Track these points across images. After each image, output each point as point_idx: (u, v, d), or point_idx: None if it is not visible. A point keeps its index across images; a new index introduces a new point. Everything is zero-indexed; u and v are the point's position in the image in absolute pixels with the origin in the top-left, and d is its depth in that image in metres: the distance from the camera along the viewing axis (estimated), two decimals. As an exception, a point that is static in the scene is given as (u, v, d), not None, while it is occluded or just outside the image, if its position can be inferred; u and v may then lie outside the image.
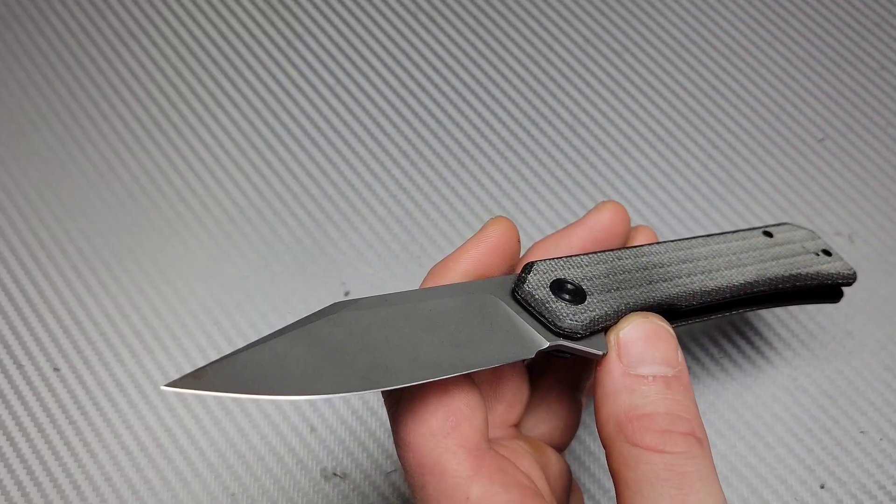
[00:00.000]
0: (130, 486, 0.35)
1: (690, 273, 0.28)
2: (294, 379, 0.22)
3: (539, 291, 0.25)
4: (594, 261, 0.27)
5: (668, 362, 0.24)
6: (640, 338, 0.24)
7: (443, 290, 0.25)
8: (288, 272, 0.39)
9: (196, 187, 0.41)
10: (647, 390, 0.23)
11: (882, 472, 0.34)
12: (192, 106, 0.44)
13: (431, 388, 0.23)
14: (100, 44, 0.46)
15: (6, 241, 0.40)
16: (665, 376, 0.24)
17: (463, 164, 0.42)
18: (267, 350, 0.22)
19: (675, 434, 0.23)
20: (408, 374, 0.23)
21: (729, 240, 0.31)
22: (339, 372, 0.22)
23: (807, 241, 0.32)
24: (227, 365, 0.22)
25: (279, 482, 0.35)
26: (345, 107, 0.44)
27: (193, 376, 0.21)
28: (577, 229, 0.29)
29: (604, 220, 0.29)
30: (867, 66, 0.44)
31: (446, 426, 0.23)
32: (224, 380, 0.22)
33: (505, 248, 0.28)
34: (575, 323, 0.25)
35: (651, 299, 0.27)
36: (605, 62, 0.45)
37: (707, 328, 0.38)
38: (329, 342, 0.23)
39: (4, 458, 0.35)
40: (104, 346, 0.38)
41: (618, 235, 0.29)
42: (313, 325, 0.23)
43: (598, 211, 0.29)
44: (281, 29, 0.46)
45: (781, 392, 0.36)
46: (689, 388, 0.24)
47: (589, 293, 0.26)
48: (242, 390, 0.22)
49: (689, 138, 0.43)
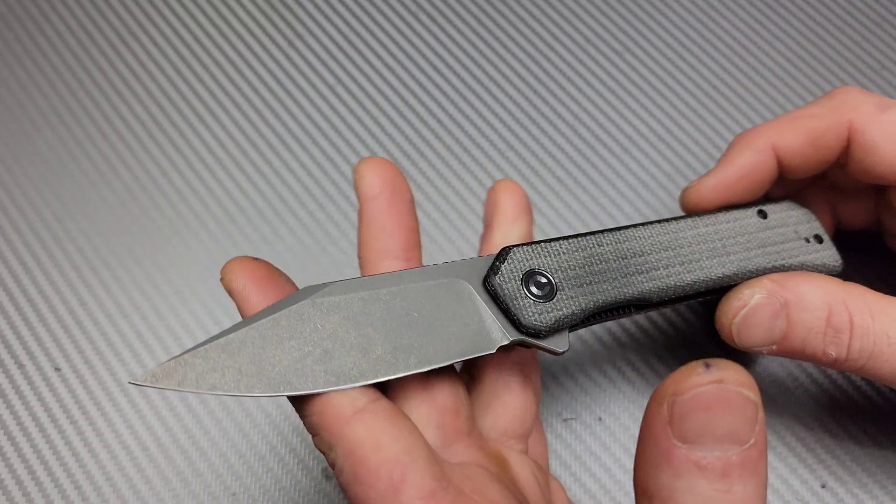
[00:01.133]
0: (132, 485, 0.35)
1: (669, 264, 0.28)
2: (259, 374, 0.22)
3: (509, 284, 0.25)
4: (573, 247, 0.27)
5: (735, 439, 0.19)
6: (703, 409, 0.19)
7: (418, 273, 0.25)
8: (289, 271, 0.39)
9: (197, 187, 0.42)
10: (696, 482, 0.18)
11: (883, 472, 0.34)
12: (193, 105, 0.44)
13: (363, 445, 0.22)
14: (100, 43, 0.46)
15: (7, 240, 0.40)
16: (726, 460, 0.19)
17: (463, 164, 0.42)
18: (234, 341, 0.22)
19: None
20: (367, 371, 0.23)
21: (720, 221, 0.30)
22: (303, 367, 0.22)
23: (801, 225, 0.32)
24: (192, 359, 0.22)
25: (280, 482, 0.35)
26: (345, 106, 0.44)
27: (161, 370, 0.21)
28: (367, 207, 0.28)
29: (376, 181, 0.28)
30: (868, 67, 0.44)
31: (392, 484, 0.21)
32: (190, 375, 0.21)
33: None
34: (539, 323, 0.25)
35: (622, 295, 0.27)
36: (605, 62, 0.45)
37: (705, 325, 0.38)
38: (294, 334, 0.22)
39: (6, 457, 0.35)
40: (105, 345, 0.38)
41: (395, 180, 0.28)
42: (280, 315, 0.23)
43: (363, 178, 0.28)
44: (282, 29, 0.46)
45: (782, 391, 0.36)
46: (759, 473, 0.19)
47: (559, 288, 0.25)
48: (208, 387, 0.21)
49: (689, 138, 0.43)
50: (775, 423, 0.36)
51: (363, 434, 0.22)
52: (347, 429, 0.22)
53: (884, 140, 0.30)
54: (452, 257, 0.40)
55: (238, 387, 0.22)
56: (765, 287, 0.28)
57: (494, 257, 0.26)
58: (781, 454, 0.35)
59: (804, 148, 0.31)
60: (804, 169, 0.32)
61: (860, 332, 0.28)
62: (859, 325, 0.28)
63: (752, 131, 0.32)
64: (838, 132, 0.31)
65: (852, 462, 0.35)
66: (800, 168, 0.32)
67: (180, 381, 0.21)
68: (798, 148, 0.31)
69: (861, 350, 0.28)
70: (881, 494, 0.34)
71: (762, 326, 0.28)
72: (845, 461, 0.35)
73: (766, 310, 0.28)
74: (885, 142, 0.30)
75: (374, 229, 0.27)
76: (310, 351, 0.22)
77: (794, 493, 0.34)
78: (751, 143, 0.32)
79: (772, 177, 0.32)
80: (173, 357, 0.22)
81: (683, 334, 0.38)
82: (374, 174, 0.27)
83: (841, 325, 0.28)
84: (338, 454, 0.22)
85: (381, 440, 0.22)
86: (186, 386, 0.21)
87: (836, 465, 0.35)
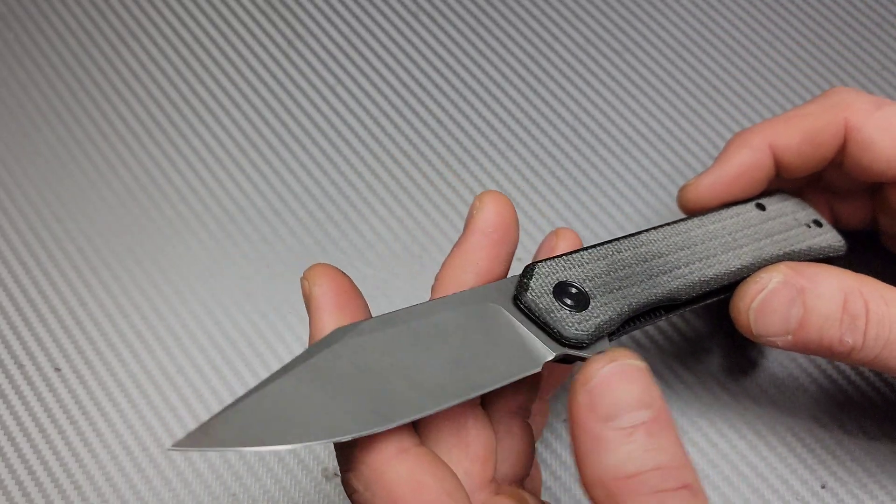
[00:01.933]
0: (131, 485, 0.35)
1: (688, 262, 0.28)
2: (305, 423, 0.21)
3: (542, 299, 0.25)
4: (594, 256, 0.27)
5: (644, 404, 0.22)
6: (611, 385, 0.22)
7: (444, 303, 0.24)
8: (289, 272, 0.39)
9: (197, 187, 0.41)
10: (629, 447, 0.21)
11: (883, 472, 0.34)
12: (193, 105, 0.44)
13: (404, 487, 0.21)
14: (100, 43, 0.46)
15: (7, 241, 0.40)
16: (644, 422, 0.22)
17: (464, 164, 0.42)
18: (273, 393, 0.21)
19: (670, 493, 0.21)
20: (415, 405, 0.22)
21: (724, 218, 0.31)
22: (349, 409, 0.21)
23: (798, 213, 0.32)
24: (234, 415, 0.21)
25: (280, 482, 0.35)
26: (345, 106, 0.44)
27: (202, 431, 0.20)
28: (471, 239, 0.27)
29: (490, 219, 0.27)
30: (868, 67, 0.44)
31: None
32: (233, 432, 0.20)
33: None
34: (581, 332, 0.24)
35: (653, 296, 0.27)
36: (605, 62, 0.45)
37: (708, 328, 0.38)
38: (334, 376, 0.22)
39: (6, 457, 0.35)
40: (105, 345, 0.38)
41: (511, 225, 0.27)
42: (317, 359, 0.22)
43: (480, 210, 0.27)
44: (282, 29, 0.46)
45: (782, 392, 0.36)
46: (671, 425, 0.22)
47: (592, 296, 0.25)
48: (254, 442, 0.20)
49: (689, 138, 0.43)
50: (775, 424, 0.36)
51: (405, 475, 0.22)
52: (389, 467, 0.22)
53: (880, 137, 0.30)
54: (452, 257, 0.40)
55: (284, 438, 0.21)
56: (782, 272, 0.28)
57: (520, 276, 0.25)
58: (781, 454, 0.35)
59: (801, 146, 0.31)
60: (801, 167, 0.32)
61: (876, 318, 0.28)
62: (875, 312, 0.28)
63: (749, 130, 0.32)
64: (835, 130, 0.31)
65: (852, 462, 0.35)
66: (797, 166, 0.32)
67: (222, 440, 0.20)
68: (795, 146, 0.31)
69: (877, 337, 0.28)
70: (881, 494, 0.34)
71: (779, 313, 0.28)
72: (845, 461, 0.35)
73: (783, 295, 0.28)
74: (881, 139, 0.30)
75: (466, 262, 0.26)
76: (353, 391, 0.22)
77: (794, 493, 0.34)
78: (748, 142, 0.32)
79: (769, 175, 0.32)
80: (213, 416, 0.21)
81: (681, 331, 0.38)
82: (493, 211, 0.27)
83: (857, 311, 0.28)
84: (375, 493, 0.22)
85: (424, 481, 0.22)
86: (230, 444, 0.20)
87: (836, 465, 0.35)
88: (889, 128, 0.30)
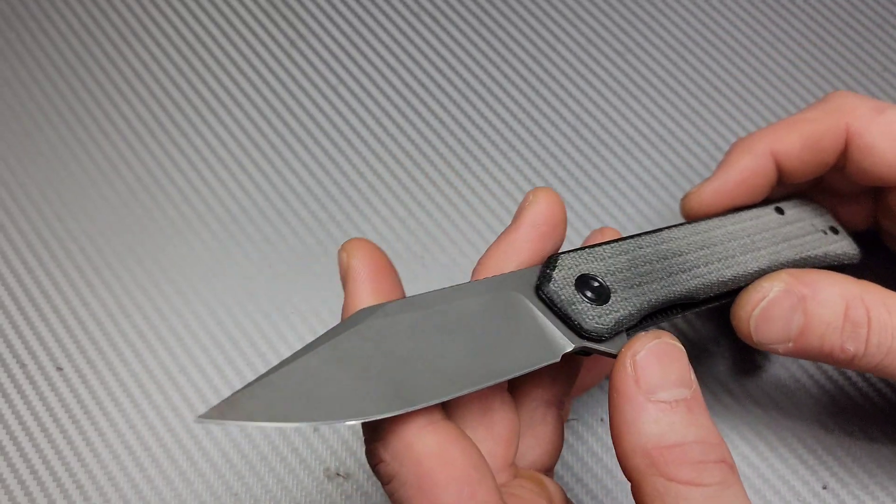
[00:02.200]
0: (133, 485, 0.35)
1: (708, 261, 0.28)
2: (329, 401, 0.21)
3: (564, 290, 0.25)
4: (616, 251, 0.27)
5: (685, 383, 0.23)
6: (656, 361, 0.23)
7: (468, 288, 0.25)
8: (291, 272, 0.39)
9: (199, 187, 0.41)
10: (672, 419, 0.22)
11: (885, 473, 0.35)
12: (195, 105, 0.44)
13: (433, 459, 0.22)
14: (102, 43, 0.46)
15: (9, 240, 0.40)
16: (686, 399, 0.23)
17: (465, 164, 0.42)
18: (297, 370, 0.21)
19: (710, 464, 0.22)
20: (437, 389, 0.22)
21: (743, 219, 0.31)
22: (372, 390, 0.21)
23: (815, 218, 0.33)
24: (259, 390, 0.21)
25: (282, 482, 0.35)
26: (347, 106, 0.44)
27: (227, 405, 0.20)
28: (521, 230, 0.27)
29: (542, 213, 0.27)
30: (870, 69, 0.44)
31: (462, 499, 0.21)
32: (258, 407, 0.21)
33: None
34: (601, 326, 0.25)
35: (672, 294, 0.27)
36: (607, 63, 0.45)
37: (711, 332, 0.38)
38: (358, 356, 0.22)
39: (7, 457, 0.35)
40: (107, 345, 0.38)
41: (560, 223, 0.28)
42: (340, 339, 0.22)
43: (533, 205, 0.27)
44: (283, 28, 0.46)
45: (784, 394, 0.36)
46: (706, 409, 0.23)
47: (613, 290, 0.26)
48: (277, 418, 0.20)
49: (691, 139, 0.43)
50: (777, 426, 0.36)
51: (434, 447, 0.22)
52: (418, 439, 0.22)
53: (882, 141, 0.30)
54: (455, 257, 0.40)
55: (311, 415, 0.21)
56: (783, 280, 0.28)
57: (543, 266, 0.26)
58: (783, 455, 0.35)
59: (802, 151, 0.31)
60: (803, 172, 0.32)
61: (878, 326, 0.28)
62: (877, 320, 0.28)
63: (751, 137, 0.32)
64: (836, 135, 0.31)
65: (854, 463, 0.35)
66: (798, 171, 0.32)
67: (249, 413, 0.20)
68: (796, 151, 0.31)
69: (879, 345, 0.28)
70: (882, 495, 0.34)
71: (780, 320, 0.28)
72: (847, 462, 0.35)
73: (784, 303, 0.28)
74: (883, 143, 0.30)
75: (511, 251, 0.27)
76: (376, 373, 0.22)
77: (795, 494, 0.34)
78: (749, 148, 0.32)
79: (771, 181, 0.32)
80: (238, 390, 0.21)
81: (684, 334, 0.38)
82: (545, 206, 0.27)
83: (858, 319, 0.28)
84: (403, 463, 0.22)
85: (453, 455, 0.22)
86: (257, 418, 0.20)
87: (837, 466, 0.35)
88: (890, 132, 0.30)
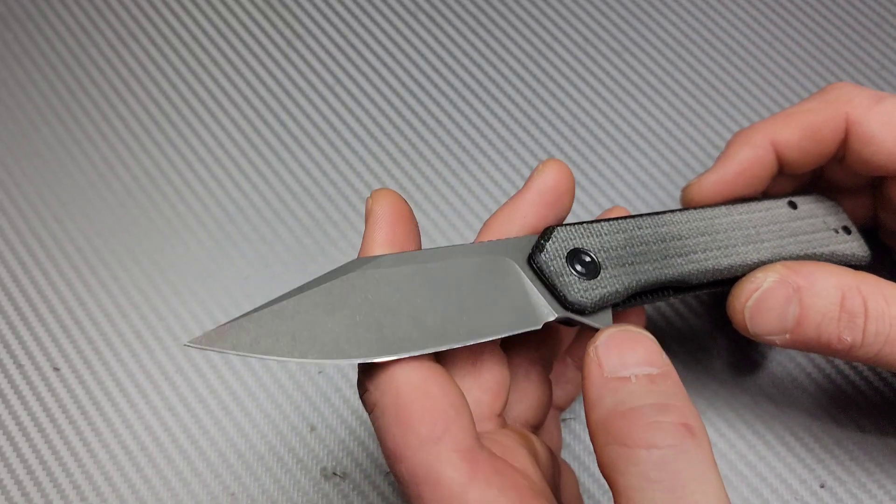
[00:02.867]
0: (130, 485, 0.35)
1: (707, 248, 0.29)
2: (313, 341, 0.22)
3: (555, 262, 0.25)
4: (613, 229, 0.27)
5: (651, 363, 0.23)
6: (617, 345, 0.23)
7: (463, 250, 0.25)
8: (288, 272, 0.39)
9: (196, 187, 0.42)
10: (631, 388, 0.22)
11: (882, 471, 0.34)
12: (192, 105, 0.44)
13: (412, 392, 0.23)
14: (100, 43, 0.46)
15: (6, 241, 0.40)
16: (650, 374, 0.23)
17: (463, 164, 0.42)
18: (287, 309, 0.22)
19: (664, 424, 0.21)
20: (418, 341, 0.23)
21: (753, 210, 0.31)
22: (355, 336, 0.22)
23: (829, 216, 0.33)
24: (248, 323, 0.22)
25: (279, 482, 0.35)
26: (344, 106, 0.44)
27: (217, 333, 0.22)
28: (527, 195, 0.28)
29: (549, 182, 0.28)
30: (867, 67, 0.44)
31: (435, 432, 0.22)
32: (245, 339, 0.22)
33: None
34: (585, 300, 0.25)
35: (664, 276, 0.27)
36: (604, 62, 0.45)
37: (707, 328, 0.38)
38: (347, 303, 0.23)
39: (4, 457, 0.35)
40: (104, 345, 0.38)
41: (565, 193, 0.28)
42: (332, 284, 0.23)
43: (541, 173, 0.28)
44: (281, 29, 0.46)
45: (780, 391, 0.36)
46: (679, 384, 0.23)
47: (603, 267, 0.26)
48: (263, 351, 0.22)
49: (689, 138, 0.43)
50: (774, 423, 0.36)
51: (416, 381, 0.23)
52: (401, 373, 0.23)
53: (881, 130, 0.30)
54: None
55: (291, 352, 0.22)
56: (777, 271, 0.28)
57: (538, 236, 0.26)
58: (780, 454, 0.35)
59: (802, 142, 0.31)
60: (803, 163, 0.32)
61: (875, 315, 0.28)
62: (874, 309, 0.28)
63: (751, 128, 0.32)
64: (835, 125, 0.31)
65: (851, 462, 0.35)
66: (798, 162, 0.32)
67: (234, 344, 0.22)
68: (796, 142, 0.32)
69: (877, 334, 0.28)
70: (880, 494, 0.34)
71: (775, 311, 0.28)
72: (844, 461, 0.35)
73: (779, 293, 0.28)
74: (882, 132, 0.30)
75: (516, 215, 0.28)
76: (361, 320, 0.23)
77: (792, 492, 0.34)
78: (749, 140, 0.32)
79: (771, 172, 0.32)
80: (228, 321, 0.22)
81: (680, 331, 0.38)
82: (553, 175, 0.28)
83: (855, 309, 0.28)
84: (384, 392, 0.23)
85: (432, 390, 0.23)
86: (241, 349, 0.22)
87: (834, 464, 0.35)
88: (890, 122, 0.30)
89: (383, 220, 0.25)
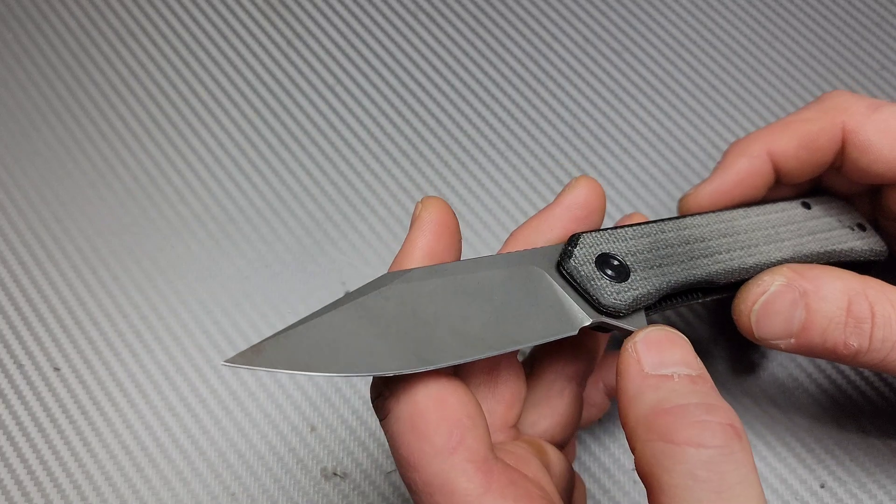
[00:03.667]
0: (131, 485, 0.35)
1: (730, 248, 0.29)
2: (350, 356, 0.22)
3: (584, 267, 0.26)
4: (638, 233, 0.27)
5: (689, 364, 0.23)
6: (656, 343, 0.24)
7: (491, 261, 0.25)
8: (288, 272, 0.39)
9: (196, 187, 0.42)
10: (674, 385, 0.22)
11: (882, 472, 0.34)
12: (192, 105, 0.44)
13: (428, 401, 0.23)
14: (100, 43, 0.46)
15: (6, 241, 0.40)
16: (689, 375, 0.23)
17: (463, 164, 0.42)
18: (323, 324, 0.23)
19: (714, 424, 0.21)
20: (454, 351, 0.23)
21: (768, 211, 0.31)
22: (393, 349, 0.23)
23: (843, 215, 0.33)
24: (284, 340, 0.22)
25: (279, 481, 0.35)
26: (345, 106, 0.44)
27: (253, 351, 0.22)
28: (555, 210, 0.28)
29: (579, 198, 0.28)
30: (867, 66, 0.44)
31: (451, 442, 0.22)
32: (282, 355, 0.22)
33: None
34: (619, 302, 0.25)
35: (691, 277, 0.27)
36: (604, 62, 0.45)
37: (709, 330, 0.38)
38: (382, 316, 0.23)
39: (5, 457, 0.35)
40: (104, 345, 0.38)
41: (595, 211, 0.28)
42: (366, 299, 0.23)
43: (573, 188, 0.28)
44: (281, 28, 0.46)
45: (781, 392, 0.36)
46: (716, 388, 0.23)
47: (632, 269, 0.26)
48: (300, 367, 0.22)
49: (689, 138, 0.43)
50: (774, 424, 0.36)
51: (433, 390, 0.23)
52: (419, 382, 0.23)
53: (878, 138, 0.30)
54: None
55: (330, 367, 0.22)
56: (784, 274, 0.28)
57: (565, 243, 0.26)
58: (780, 454, 0.35)
59: (799, 151, 0.31)
60: (800, 173, 0.32)
61: (882, 321, 0.28)
62: (881, 315, 0.28)
63: (747, 138, 0.32)
64: (832, 134, 0.31)
65: (851, 462, 0.35)
66: (795, 172, 0.32)
67: (272, 361, 0.22)
68: (793, 151, 0.32)
69: (884, 340, 0.28)
70: (880, 494, 0.34)
71: (781, 315, 0.28)
72: (844, 461, 0.35)
73: (786, 297, 0.28)
74: (879, 140, 0.30)
75: (542, 229, 0.28)
76: (398, 333, 0.23)
77: (793, 492, 0.34)
78: (746, 150, 0.32)
79: (768, 182, 0.32)
80: (264, 339, 0.22)
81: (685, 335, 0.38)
82: (583, 192, 0.28)
83: (862, 314, 0.28)
84: (400, 399, 0.23)
85: (449, 399, 0.23)
86: (279, 366, 0.22)
87: (835, 465, 0.35)
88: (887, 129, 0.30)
89: (429, 227, 0.25)
